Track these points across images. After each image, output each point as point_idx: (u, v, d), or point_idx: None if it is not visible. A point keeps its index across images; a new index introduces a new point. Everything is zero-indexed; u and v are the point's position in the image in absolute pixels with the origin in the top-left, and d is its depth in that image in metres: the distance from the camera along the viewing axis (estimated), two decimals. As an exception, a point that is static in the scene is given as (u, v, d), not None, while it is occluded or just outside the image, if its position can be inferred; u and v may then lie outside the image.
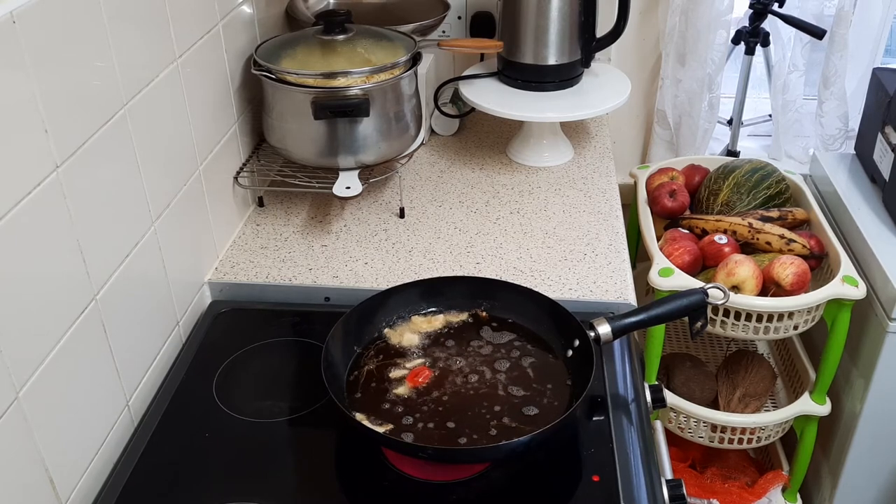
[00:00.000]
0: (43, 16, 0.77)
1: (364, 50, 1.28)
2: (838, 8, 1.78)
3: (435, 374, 0.99)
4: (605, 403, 0.99)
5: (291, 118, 1.26)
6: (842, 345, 1.54)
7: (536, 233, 1.31)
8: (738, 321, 1.49)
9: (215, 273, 1.22)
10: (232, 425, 0.97)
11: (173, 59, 1.04)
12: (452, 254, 1.27)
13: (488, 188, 1.45)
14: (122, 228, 0.95)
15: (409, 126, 1.33)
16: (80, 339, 0.85)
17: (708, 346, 1.95)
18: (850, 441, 1.65)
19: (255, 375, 1.05)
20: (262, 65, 1.24)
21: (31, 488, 0.79)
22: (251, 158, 1.34)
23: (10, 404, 0.75)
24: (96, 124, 0.87)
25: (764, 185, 1.65)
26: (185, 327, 1.13)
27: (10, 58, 0.73)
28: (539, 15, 1.47)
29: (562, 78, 1.53)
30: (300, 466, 0.94)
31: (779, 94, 1.92)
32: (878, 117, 1.67)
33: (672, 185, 1.66)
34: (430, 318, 1.08)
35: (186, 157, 1.11)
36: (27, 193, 0.76)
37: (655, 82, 1.93)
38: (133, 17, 0.94)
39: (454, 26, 1.69)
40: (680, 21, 1.81)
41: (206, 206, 1.18)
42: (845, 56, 1.82)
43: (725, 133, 2.02)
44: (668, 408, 1.64)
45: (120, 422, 0.95)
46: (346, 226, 1.34)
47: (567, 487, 0.90)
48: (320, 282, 1.21)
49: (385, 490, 0.90)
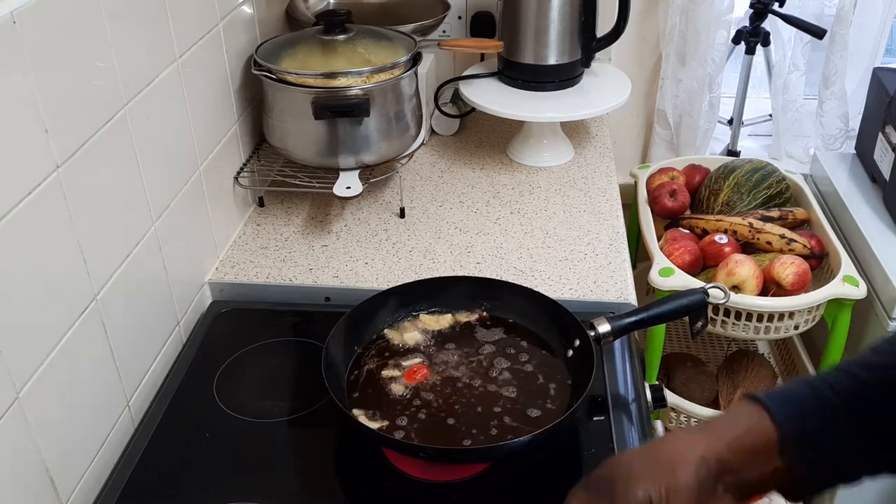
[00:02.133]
0: (43, 16, 0.77)
1: (364, 50, 1.28)
2: (838, 8, 1.78)
3: (435, 374, 0.99)
4: (606, 403, 0.99)
5: (292, 118, 1.26)
6: (842, 345, 1.54)
7: (537, 233, 1.31)
8: (739, 321, 1.49)
9: (216, 273, 1.22)
10: (232, 425, 0.97)
11: (173, 59, 1.04)
12: (453, 254, 1.27)
13: (488, 188, 1.45)
14: (122, 228, 0.95)
15: (410, 126, 1.33)
16: (80, 339, 0.85)
17: (708, 346, 1.95)
18: (851, 441, 1.65)
19: (255, 375, 1.05)
20: (262, 65, 1.24)
21: (32, 488, 0.79)
22: (251, 158, 1.34)
23: (10, 404, 0.75)
24: (96, 124, 0.87)
25: (764, 184, 1.65)
26: (186, 327, 1.13)
27: (10, 58, 0.73)
28: (539, 15, 1.47)
29: (562, 78, 1.53)
30: (300, 466, 0.94)
31: (779, 94, 1.92)
32: (878, 117, 1.67)
33: (672, 185, 1.66)
34: (430, 318, 1.08)
35: (187, 157, 1.11)
36: (27, 193, 0.76)
37: (656, 82, 1.93)
38: (133, 17, 0.94)
39: (454, 26, 1.69)
40: (680, 21, 1.81)
41: (207, 206, 1.18)
42: (845, 56, 1.82)
43: (726, 133, 2.02)
44: (668, 408, 1.64)
45: (120, 422, 0.95)
46: (346, 226, 1.34)
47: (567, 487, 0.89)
48: (321, 282, 1.20)
49: (385, 490, 0.90)
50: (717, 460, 0.60)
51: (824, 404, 0.60)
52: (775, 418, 0.60)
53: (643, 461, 0.62)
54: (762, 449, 0.60)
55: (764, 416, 0.60)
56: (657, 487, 0.59)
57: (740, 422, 0.61)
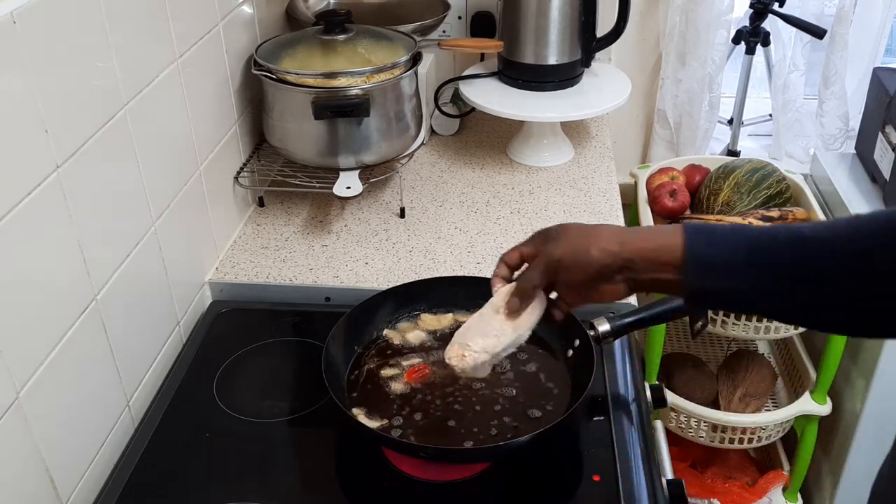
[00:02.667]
0: (43, 16, 0.77)
1: (364, 50, 1.28)
2: (838, 8, 1.78)
3: (435, 373, 0.99)
4: (606, 403, 0.99)
5: (292, 118, 1.26)
6: (842, 344, 1.54)
7: (537, 233, 1.31)
8: (739, 321, 1.49)
9: (216, 273, 1.22)
10: (232, 425, 0.97)
11: (173, 59, 1.04)
12: (453, 254, 1.27)
13: (489, 188, 1.45)
14: (122, 228, 0.95)
15: (410, 126, 1.33)
16: (80, 339, 0.85)
17: (708, 346, 1.95)
18: (851, 440, 1.65)
19: (255, 375, 1.05)
20: (262, 65, 1.24)
21: (32, 488, 0.79)
22: (251, 158, 1.34)
23: (10, 404, 0.75)
24: (96, 124, 0.87)
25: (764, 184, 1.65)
26: (186, 327, 1.13)
27: (10, 58, 0.73)
28: (539, 15, 1.47)
29: (562, 78, 1.53)
30: (300, 466, 0.94)
31: (779, 94, 1.92)
32: (878, 117, 1.67)
33: (672, 185, 1.66)
34: (430, 318, 1.08)
35: (187, 156, 1.11)
36: (27, 193, 0.76)
37: (656, 82, 1.93)
38: (133, 17, 0.94)
39: (454, 26, 1.69)
40: (680, 21, 1.81)
41: (207, 206, 1.18)
42: (845, 56, 1.82)
43: (726, 133, 2.02)
44: (668, 408, 1.64)
45: (120, 422, 0.95)
46: (346, 226, 1.34)
47: (567, 487, 0.90)
48: (321, 282, 1.20)
49: (385, 490, 0.90)
50: (624, 259, 0.73)
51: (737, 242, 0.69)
52: (686, 244, 0.70)
53: (574, 235, 0.77)
54: (666, 263, 0.71)
55: (679, 239, 0.70)
56: (570, 255, 0.76)
57: (659, 237, 0.72)
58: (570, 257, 0.76)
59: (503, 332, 0.83)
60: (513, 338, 0.83)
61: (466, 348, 0.83)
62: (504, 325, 0.83)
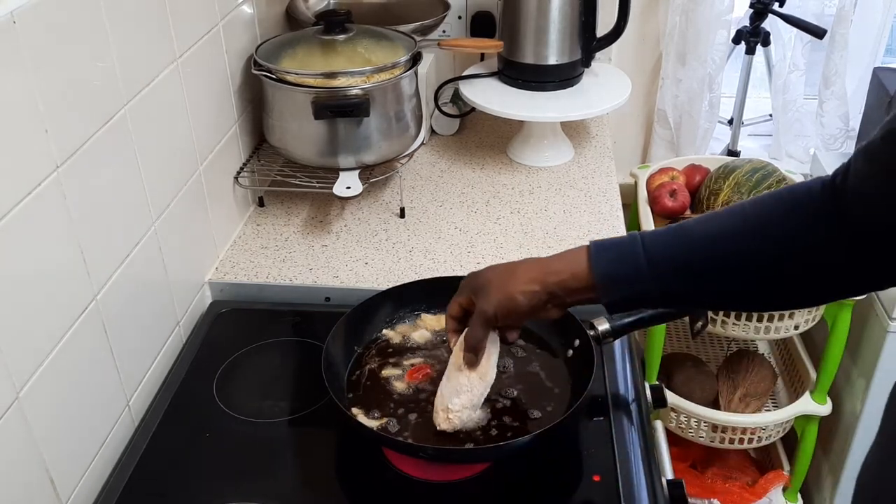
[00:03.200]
0: (43, 16, 0.77)
1: (364, 50, 1.28)
2: (839, 8, 1.78)
3: (435, 373, 0.99)
4: (606, 403, 0.99)
5: (292, 118, 1.26)
6: (842, 344, 1.54)
7: (537, 233, 1.31)
8: (739, 321, 1.49)
9: (216, 273, 1.22)
10: (232, 425, 0.97)
11: (173, 59, 1.04)
12: (453, 254, 1.27)
13: (489, 188, 1.45)
14: (122, 228, 0.94)
15: (410, 126, 1.33)
16: (80, 339, 0.85)
17: (708, 346, 1.95)
18: (851, 441, 1.65)
19: (255, 375, 1.05)
20: (262, 65, 1.24)
21: (32, 488, 0.79)
22: (251, 158, 1.34)
23: (10, 404, 0.75)
24: (96, 124, 0.87)
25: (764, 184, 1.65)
26: (186, 327, 1.13)
27: (10, 58, 0.73)
28: (539, 15, 1.47)
29: (562, 78, 1.53)
30: (300, 466, 0.94)
31: (779, 94, 1.92)
32: (878, 117, 1.67)
33: (672, 185, 1.66)
34: (431, 318, 1.08)
35: (187, 156, 1.11)
36: (27, 193, 0.76)
37: (656, 82, 1.93)
38: (133, 16, 0.94)
39: (454, 26, 1.69)
40: (680, 20, 1.81)
41: (207, 206, 1.18)
42: (846, 56, 1.82)
43: (726, 133, 2.02)
44: (668, 408, 1.64)
45: (120, 422, 0.95)
46: (346, 226, 1.34)
47: (568, 487, 0.90)
48: (321, 282, 1.20)
49: (385, 490, 0.90)
50: (547, 293, 0.81)
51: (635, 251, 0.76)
52: (592, 268, 0.78)
53: (498, 283, 0.84)
54: (582, 287, 0.79)
55: (584, 264, 0.79)
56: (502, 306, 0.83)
57: (569, 266, 0.80)
58: (502, 308, 0.83)
59: (472, 384, 0.89)
60: (483, 386, 0.90)
61: (449, 412, 0.89)
62: (470, 378, 0.89)
